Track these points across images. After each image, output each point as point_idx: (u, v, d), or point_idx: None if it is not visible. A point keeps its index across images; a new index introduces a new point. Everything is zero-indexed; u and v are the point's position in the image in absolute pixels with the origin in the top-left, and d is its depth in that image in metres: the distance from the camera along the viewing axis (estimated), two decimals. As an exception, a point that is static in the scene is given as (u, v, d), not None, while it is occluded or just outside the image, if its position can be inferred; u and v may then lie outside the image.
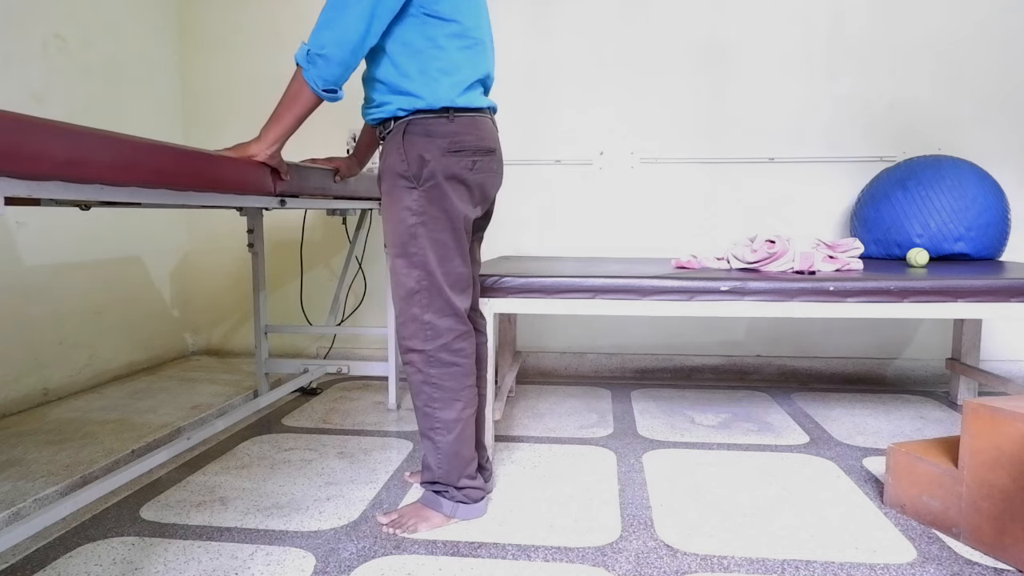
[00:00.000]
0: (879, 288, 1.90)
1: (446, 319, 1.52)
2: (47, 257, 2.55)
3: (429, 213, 1.48)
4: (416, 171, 1.46)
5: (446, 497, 1.59)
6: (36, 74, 2.49)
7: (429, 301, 1.51)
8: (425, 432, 1.58)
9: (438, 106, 1.46)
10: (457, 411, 1.55)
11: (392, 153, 1.49)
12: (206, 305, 3.39)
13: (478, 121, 1.52)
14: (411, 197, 1.48)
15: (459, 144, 1.48)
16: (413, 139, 1.47)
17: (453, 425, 1.55)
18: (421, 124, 1.47)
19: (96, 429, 2.18)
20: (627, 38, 2.97)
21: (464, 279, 1.55)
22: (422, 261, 1.49)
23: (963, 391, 2.62)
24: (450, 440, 1.56)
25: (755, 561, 1.43)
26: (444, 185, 1.48)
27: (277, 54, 3.16)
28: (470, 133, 1.50)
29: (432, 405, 1.55)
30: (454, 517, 1.59)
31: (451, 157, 1.47)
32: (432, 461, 1.59)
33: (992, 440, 1.45)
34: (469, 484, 1.60)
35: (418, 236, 1.48)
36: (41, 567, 1.40)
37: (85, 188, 1.14)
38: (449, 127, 1.47)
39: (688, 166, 2.99)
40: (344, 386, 2.87)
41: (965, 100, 2.84)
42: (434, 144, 1.46)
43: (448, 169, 1.47)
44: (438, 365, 1.53)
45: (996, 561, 1.43)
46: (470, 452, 1.60)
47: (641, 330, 3.07)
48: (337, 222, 3.21)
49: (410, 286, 1.51)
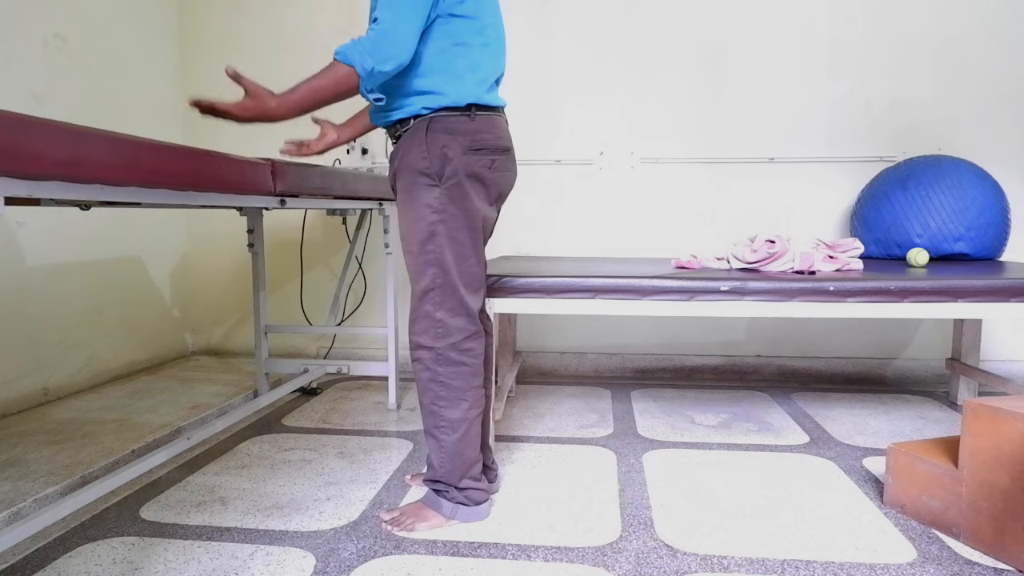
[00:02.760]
0: (879, 288, 1.90)
1: (458, 318, 1.52)
2: (47, 257, 2.55)
3: (449, 211, 1.48)
4: (438, 168, 1.46)
5: (446, 498, 1.59)
6: (36, 74, 2.49)
7: (443, 299, 1.51)
8: (430, 430, 1.58)
9: (463, 103, 1.46)
10: (463, 411, 1.55)
11: (412, 150, 1.48)
12: (206, 305, 3.39)
13: (495, 120, 1.53)
14: (432, 195, 1.47)
15: (480, 142, 1.48)
16: (436, 136, 1.46)
17: (458, 425, 1.55)
18: (443, 121, 1.46)
19: (96, 429, 2.18)
20: (627, 38, 2.97)
21: (478, 279, 1.56)
22: (439, 259, 1.49)
23: (963, 391, 2.62)
24: (454, 440, 1.56)
25: (755, 561, 1.43)
26: (465, 183, 1.48)
27: (277, 54, 3.16)
28: (489, 132, 1.50)
29: (438, 403, 1.55)
30: (453, 519, 1.59)
31: (472, 155, 1.47)
32: (435, 459, 1.59)
33: (992, 440, 1.45)
34: (472, 485, 1.60)
35: (437, 234, 1.48)
36: (41, 567, 1.40)
37: (85, 188, 1.14)
38: (470, 125, 1.47)
39: (688, 166, 2.99)
40: (344, 386, 2.87)
41: (965, 100, 2.84)
42: (456, 142, 1.46)
43: (469, 167, 1.47)
44: (446, 364, 1.53)
45: (996, 561, 1.43)
46: (474, 453, 1.60)
47: (641, 330, 3.07)
48: (337, 222, 3.21)
49: (425, 283, 1.51)
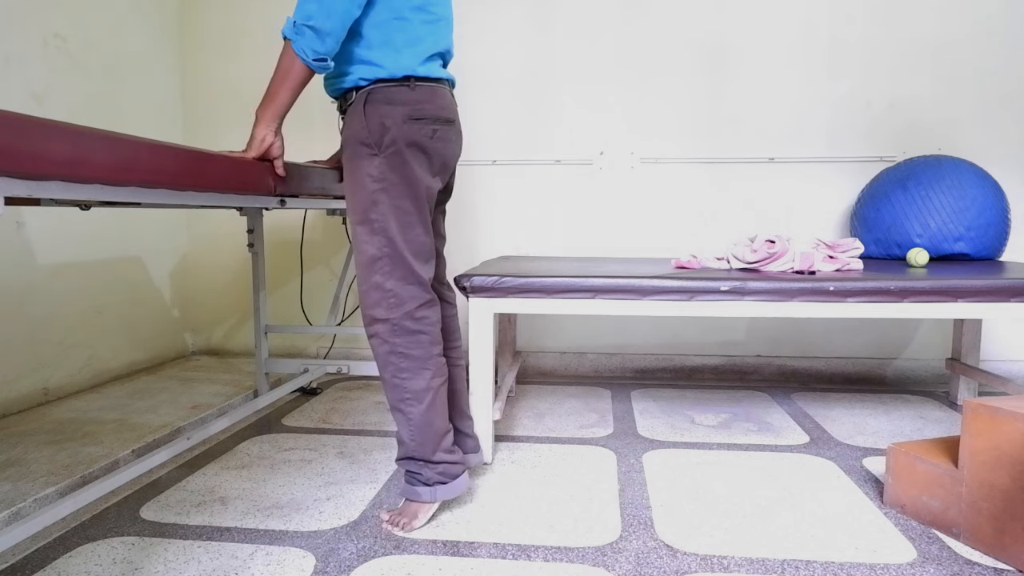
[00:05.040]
0: (879, 288, 1.90)
1: (409, 287, 1.53)
2: (47, 257, 2.55)
3: (390, 180, 1.49)
4: (377, 138, 1.48)
5: (420, 481, 1.57)
6: (36, 74, 2.49)
7: (391, 268, 1.51)
8: (395, 404, 1.56)
9: (400, 75, 1.49)
10: (426, 380, 1.54)
11: (354, 121, 1.51)
12: (206, 305, 3.39)
13: (438, 91, 1.55)
14: (372, 164, 1.49)
15: (420, 112, 1.50)
16: (375, 107, 1.49)
17: (423, 395, 1.54)
18: (383, 92, 1.49)
19: (96, 429, 2.18)
20: (628, 38, 2.97)
21: (427, 248, 1.56)
22: (383, 228, 1.50)
23: (963, 391, 2.62)
24: (421, 411, 1.54)
25: (755, 561, 1.43)
26: (405, 152, 1.49)
27: (277, 54, 3.15)
28: (430, 102, 1.52)
29: (400, 376, 1.54)
30: (435, 501, 1.57)
31: (412, 124, 1.49)
32: (405, 434, 1.57)
33: (992, 440, 1.45)
34: (446, 459, 1.58)
35: (379, 203, 1.50)
36: (41, 567, 1.40)
37: (85, 188, 1.14)
38: (410, 95, 1.50)
39: (688, 166, 2.99)
40: (344, 386, 2.87)
41: (965, 100, 2.84)
42: (395, 111, 1.48)
43: (409, 136, 1.49)
44: (403, 334, 1.53)
45: (996, 561, 1.43)
46: (443, 423, 1.59)
47: (641, 330, 3.07)
48: (337, 222, 3.21)
49: (372, 253, 1.51)
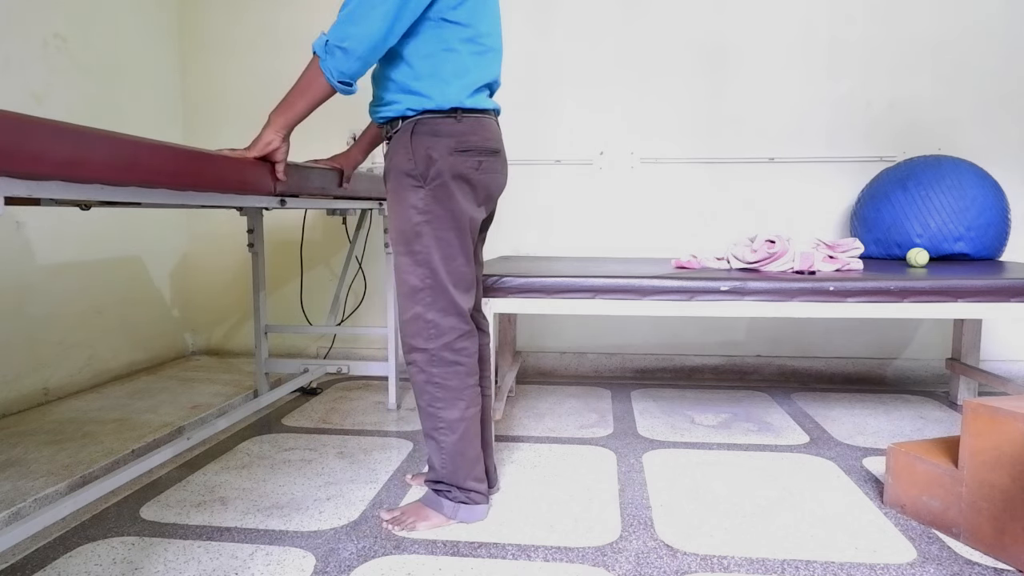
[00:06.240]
0: (879, 288, 1.90)
1: (449, 318, 1.53)
2: (47, 257, 2.55)
3: (434, 212, 1.49)
4: (423, 170, 1.47)
5: (448, 497, 1.59)
6: (36, 74, 2.49)
7: (433, 299, 1.51)
8: (429, 432, 1.58)
9: (447, 107, 1.47)
10: (460, 411, 1.55)
11: (399, 152, 1.50)
12: (206, 305, 3.39)
13: (484, 122, 1.53)
14: (417, 196, 1.48)
15: (465, 144, 1.49)
16: (421, 138, 1.48)
17: (457, 425, 1.55)
18: (429, 124, 1.48)
19: (96, 429, 2.18)
20: (628, 38, 2.97)
21: (468, 279, 1.56)
22: (426, 259, 1.50)
23: (963, 391, 2.62)
24: (454, 440, 1.56)
25: (755, 561, 1.43)
26: (450, 184, 1.48)
27: (277, 55, 3.16)
28: (476, 133, 1.51)
29: (435, 405, 1.55)
30: (454, 519, 1.59)
31: (457, 156, 1.48)
32: (436, 461, 1.59)
33: (992, 440, 1.45)
34: (476, 487, 1.60)
35: (423, 234, 1.49)
36: (41, 567, 1.40)
37: (85, 188, 1.14)
38: (456, 127, 1.48)
39: (688, 166, 2.99)
40: (344, 386, 2.87)
41: (965, 100, 2.84)
42: (441, 143, 1.47)
43: (454, 168, 1.48)
44: (441, 364, 1.53)
45: (996, 561, 1.43)
46: (475, 452, 1.60)
47: (641, 330, 3.06)
48: (337, 222, 3.21)
49: (414, 284, 1.51)
